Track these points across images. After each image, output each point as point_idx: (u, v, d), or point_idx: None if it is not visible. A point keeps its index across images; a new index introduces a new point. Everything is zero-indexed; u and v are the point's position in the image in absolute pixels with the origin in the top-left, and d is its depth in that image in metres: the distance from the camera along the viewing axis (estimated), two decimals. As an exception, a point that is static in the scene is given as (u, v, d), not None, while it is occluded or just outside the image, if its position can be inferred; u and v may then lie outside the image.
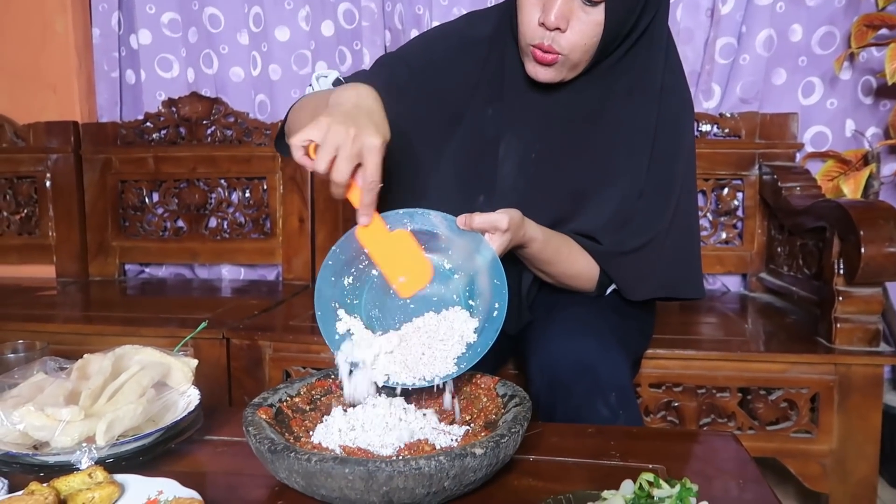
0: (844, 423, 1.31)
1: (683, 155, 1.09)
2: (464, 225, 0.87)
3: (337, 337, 0.85)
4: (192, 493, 0.64)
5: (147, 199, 2.13)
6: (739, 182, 1.84)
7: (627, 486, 0.57)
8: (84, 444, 0.72)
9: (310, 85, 1.12)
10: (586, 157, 1.06)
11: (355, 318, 0.87)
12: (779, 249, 1.74)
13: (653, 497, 0.54)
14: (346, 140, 0.79)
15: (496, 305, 0.84)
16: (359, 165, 0.81)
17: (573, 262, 1.06)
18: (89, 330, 1.56)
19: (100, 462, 0.71)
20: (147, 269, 2.21)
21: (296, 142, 0.82)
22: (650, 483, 0.55)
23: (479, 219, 0.86)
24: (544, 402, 0.97)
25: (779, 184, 1.69)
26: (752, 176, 1.82)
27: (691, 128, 1.13)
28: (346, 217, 1.98)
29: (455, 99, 1.09)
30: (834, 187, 1.71)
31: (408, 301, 0.88)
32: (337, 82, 1.11)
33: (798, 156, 1.82)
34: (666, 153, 1.06)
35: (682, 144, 1.09)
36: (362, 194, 0.82)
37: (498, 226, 0.87)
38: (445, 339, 0.82)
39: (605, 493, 0.57)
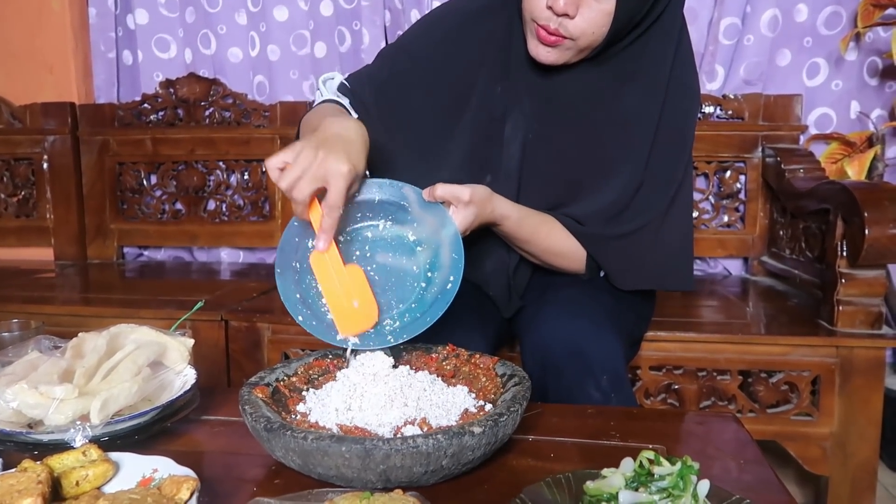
0: (845, 406, 1.30)
1: (686, 149, 1.07)
2: (428, 196, 0.89)
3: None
4: (187, 471, 0.63)
5: (145, 182, 2.11)
6: (742, 165, 1.82)
7: (627, 465, 0.56)
8: (78, 423, 0.71)
9: (318, 89, 1.13)
10: (585, 144, 1.04)
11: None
12: (781, 233, 1.72)
13: (653, 475, 0.53)
14: (312, 163, 0.81)
15: (451, 279, 0.86)
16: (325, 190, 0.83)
17: (554, 241, 1.04)
18: (87, 312, 1.55)
19: (94, 440, 0.70)
20: (146, 252, 2.20)
21: (271, 164, 0.84)
22: (651, 461, 0.55)
23: (441, 189, 0.88)
24: (537, 384, 0.95)
25: (782, 166, 1.67)
26: (755, 158, 1.80)
27: (695, 122, 1.11)
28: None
29: (461, 79, 1.07)
30: (838, 170, 1.69)
31: (370, 269, 0.90)
32: (342, 86, 1.11)
33: (802, 138, 1.80)
34: (668, 145, 1.04)
35: (685, 138, 1.07)
36: (322, 218, 0.83)
37: (460, 198, 0.88)
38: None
39: (605, 471, 0.56)
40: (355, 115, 1.07)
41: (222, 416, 0.88)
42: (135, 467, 0.66)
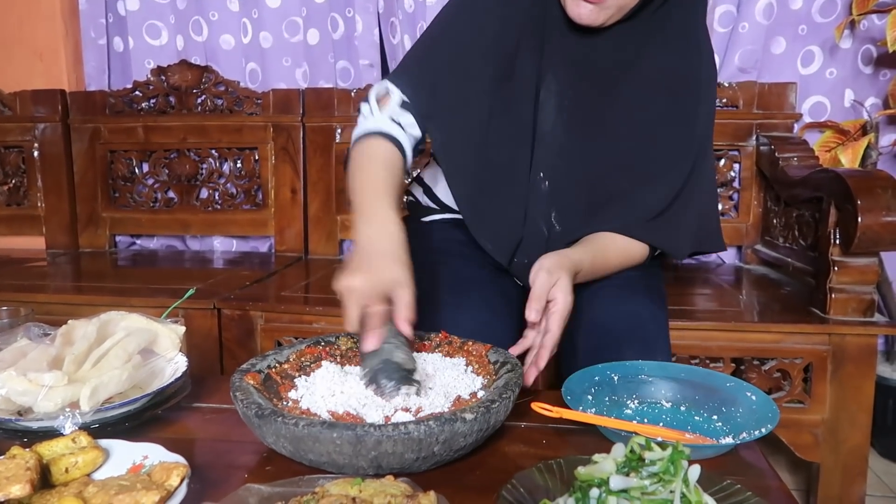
0: (837, 393, 1.31)
1: (713, 112, 1.10)
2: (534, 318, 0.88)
3: None
4: (177, 458, 0.63)
5: (137, 170, 2.10)
6: (736, 153, 1.82)
7: (619, 450, 0.56)
8: (67, 410, 0.71)
9: (366, 100, 1.07)
10: (619, 108, 1.05)
11: None
12: (774, 221, 1.72)
13: (644, 460, 0.53)
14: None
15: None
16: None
17: (622, 260, 1.07)
18: (79, 300, 1.54)
19: (84, 428, 0.70)
20: (138, 241, 2.19)
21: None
22: (641, 446, 0.54)
23: (534, 313, 0.88)
24: (586, 362, 0.94)
25: (776, 154, 1.67)
26: (750, 147, 1.80)
27: (716, 89, 1.14)
28: (338, 188, 1.96)
29: (505, 51, 1.05)
30: (832, 158, 1.69)
31: None
32: (404, 104, 1.05)
33: (796, 126, 1.80)
34: (701, 111, 1.07)
35: (714, 101, 1.10)
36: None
37: (562, 314, 0.89)
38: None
39: (596, 457, 0.56)
40: (416, 135, 1.06)
41: (214, 403, 0.87)
42: (125, 454, 0.66)
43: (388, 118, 1.04)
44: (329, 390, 0.75)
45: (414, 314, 0.81)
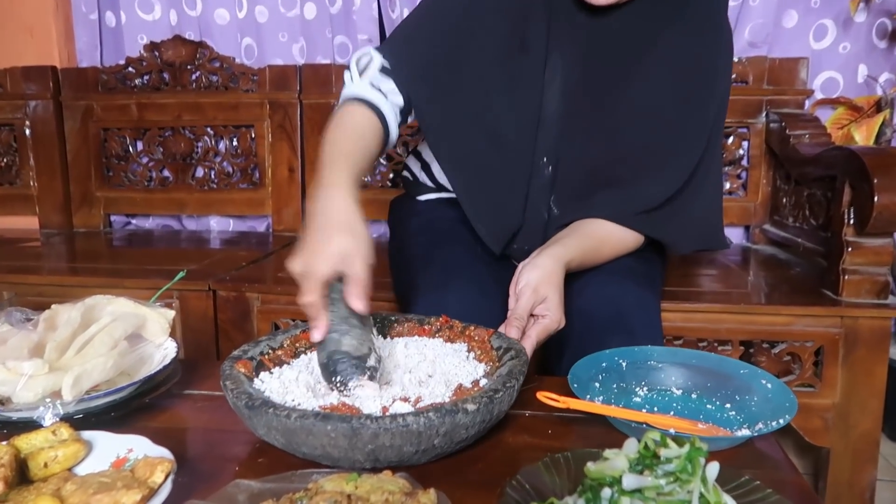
0: (849, 377, 1.27)
1: (724, 104, 1.05)
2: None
3: None
4: (162, 452, 0.59)
5: (131, 148, 2.05)
6: (745, 130, 1.77)
7: (631, 446, 0.52)
8: (48, 400, 0.68)
9: (347, 69, 1.03)
10: (629, 91, 1.01)
11: None
12: (784, 200, 1.68)
13: (659, 457, 0.50)
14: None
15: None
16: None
17: (615, 252, 1.04)
18: (72, 281, 1.51)
19: (67, 418, 0.67)
20: (133, 221, 2.15)
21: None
22: (656, 442, 0.51)
23: (513, 328, 0.86)
24: (574, 352, 0.91)
25: (787, 132, 1.62)
26: (759, 124, 1.75)
27: (731, 77, 1.08)
28: (337, 166, 1.91)
29: (512, 26, 1.01)
30: (844, 135, 1.64)
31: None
32: (384, 69, 1.01)
33: (807, 103, 1.74)
34: (715, 100, 1.02)
35: (726, 94, 1.05)
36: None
37: (549, 329, 0.89)
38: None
39: (608, 453, 0.53)
40: (399, 103, 1.02)
41: (206, 390, 0.84)
42: (108, 447, 0.62)
43: (367, 84, 0.99)
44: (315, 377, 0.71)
45: (368, 288, 0.75)
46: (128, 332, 0.78)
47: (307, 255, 0.75)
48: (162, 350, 0.82)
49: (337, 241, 0.74)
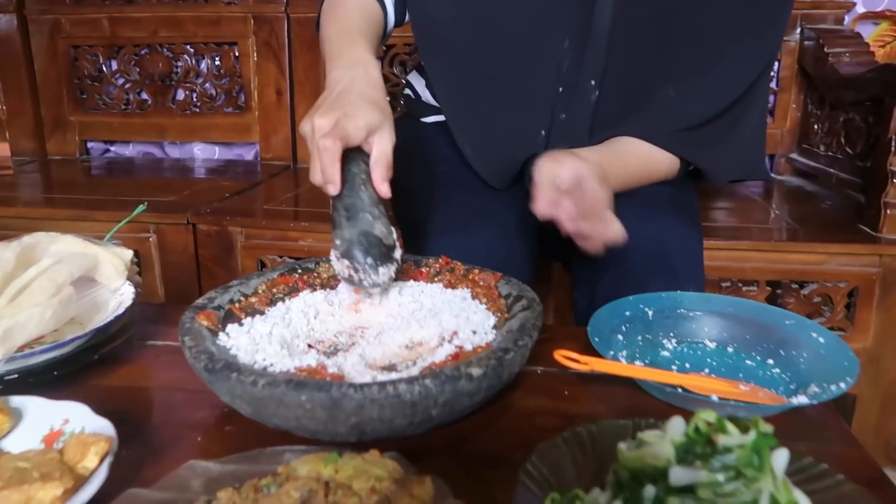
0: (883, 320, 1.17)
1: (783, 25, 0.90)
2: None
3: None
4: (102, 425, 0.49)
5: (104, 68, 1.89)
6: (776, 48, 1.61)
7: (677, 426, 0.41)
8: (-29, 359, 0.57)
9: None
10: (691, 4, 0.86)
11: None
12: (815, 126, 1.54)
13: (715, 444, 0.39)
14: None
15: None
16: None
17: (642, 166, 0.90)
18: (37, 214, 1.39)
19: (-5, 380, 0.56)
20: (113, 148, 2.01)
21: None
22: (710, 424, 0.40)
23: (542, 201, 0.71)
24: (600, 298, 0.80)
25: (825, 49, 1.46)
26: (792, 42, 1.59)
27: None
28: (328, 88, 1.76)
29: None
30: (887, 53, 1.49)
31: None
32: None
33: (847, 17, 1.57)
34: (779, 20, 0.87)
35: (788, 14, 0.90)
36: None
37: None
38: None
39: (647, 435, 0.42)
40: None
41: (171, 341, 0.73)
42: (41, 417, 0.52)
43: None
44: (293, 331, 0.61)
45: (391, 171, 0.68)
46: (75, 275, 0.67)
47: (327, 115, 0.66)
48: (118, 296, 0.71)
49: (363, 111, 0.67)
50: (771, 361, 0.67)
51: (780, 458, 0.40)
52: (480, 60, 0.91)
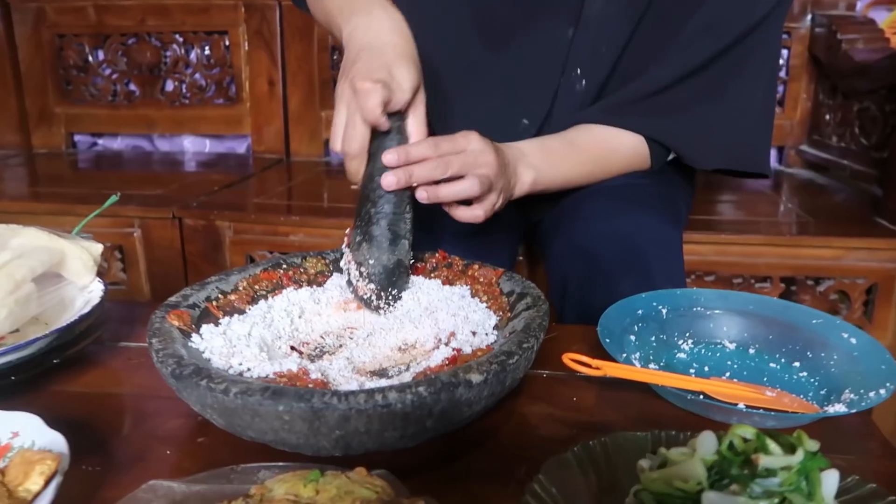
0: (903, 318, 1.12)
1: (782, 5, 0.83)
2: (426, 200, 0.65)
3: None
4: (53, 439, 0.43)
5: (91, 58, 1.83)
6: (786, 36, 1.55)
7: (708, 442, 0.36)
8: (-85, 364, 0.51)
9: None
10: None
11: None
12: (827, 117, 1.48)
13: (754, 465, 0.34)
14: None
15: None
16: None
17: (598, 153, 0.83)
18: (21, 208, 1.33)
19: (-58, 387, 0.51)
20: (100, 141, 1.95)
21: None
22: (747, 441, 0.35)
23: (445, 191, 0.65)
24: (574, 299, 0.75)
25: (837, 36, 1.41)
26: (802, 29, 1.53)
27: None
28: (322, 79, 1.70)
29: None
30: (902, 40, 1.43)
31: None
32: None
33: (859, 3, 1.52)
34: None
35: None
36: None
37: (470, 193, 0.66)
38: None
39: (673, 454, 0.37)
40: None
41: (144, 342, 0.67)
42: (-11, 429, 0.46)
43: None
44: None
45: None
46: (37, 271, 0.61)
47: (377, 74, 0.61)
48: (86, 293, 0.65)
49: (408, 74, 0.64)
50: (797, 364, 0.62)
51: (831, 481, 0.35)
52: (464, 46, 0.86)
